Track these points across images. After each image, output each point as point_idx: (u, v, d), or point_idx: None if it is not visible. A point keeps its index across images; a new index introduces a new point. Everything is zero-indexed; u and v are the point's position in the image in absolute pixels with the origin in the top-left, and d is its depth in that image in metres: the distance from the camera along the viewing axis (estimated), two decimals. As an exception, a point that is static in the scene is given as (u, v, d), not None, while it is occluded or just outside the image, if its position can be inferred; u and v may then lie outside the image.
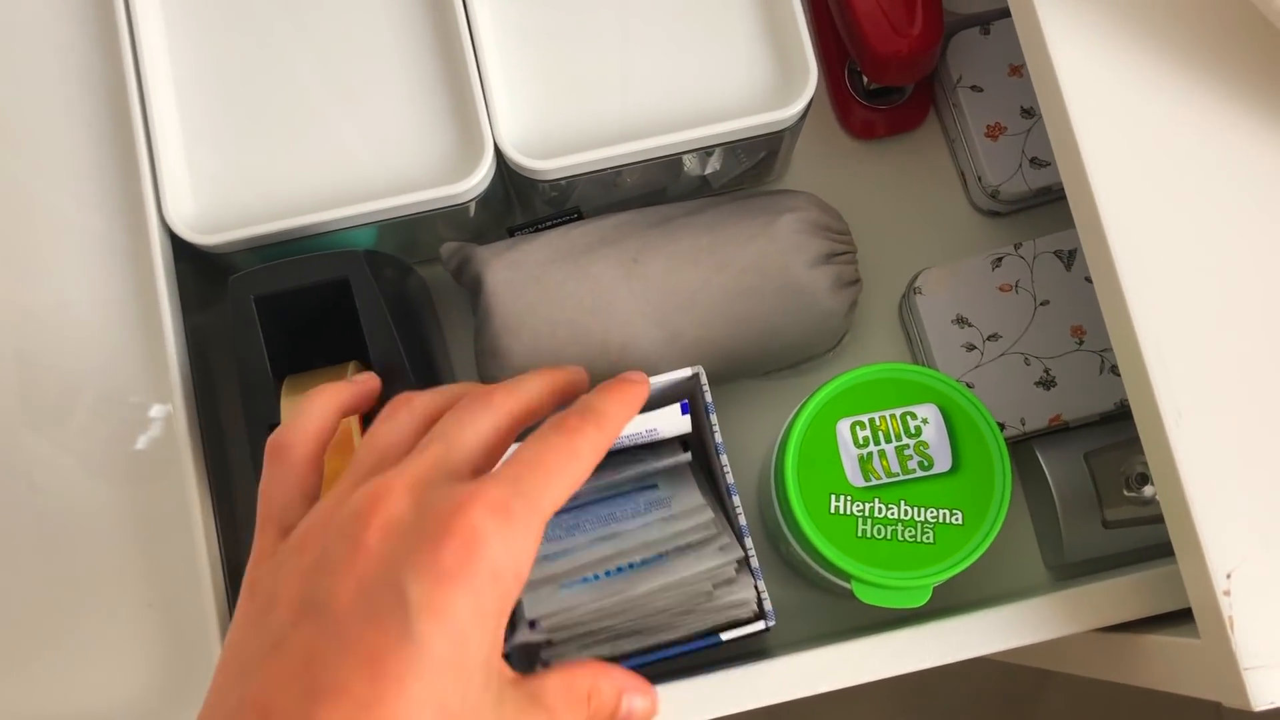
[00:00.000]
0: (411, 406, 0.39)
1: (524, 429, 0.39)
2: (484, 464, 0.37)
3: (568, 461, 0.37)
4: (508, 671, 0.36)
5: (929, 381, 0.48)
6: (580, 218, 0.56)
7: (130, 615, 0.47)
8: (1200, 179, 0.43)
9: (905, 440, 0.47)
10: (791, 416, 0.48)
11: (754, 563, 0.47)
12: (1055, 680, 1.17)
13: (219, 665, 0.35)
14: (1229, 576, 0.39)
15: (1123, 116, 0.44)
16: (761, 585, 0.46)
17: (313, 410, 0.40)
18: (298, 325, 0.50)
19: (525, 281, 0.53)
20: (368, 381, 0.44)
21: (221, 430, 0.56)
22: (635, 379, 0.42)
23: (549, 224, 0.55)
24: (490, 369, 0.54)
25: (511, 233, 0.56)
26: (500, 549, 0.33)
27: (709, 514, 0.47)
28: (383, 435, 0.38)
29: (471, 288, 0.54)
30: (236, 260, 0.52)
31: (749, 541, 0.48)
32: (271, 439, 0.39)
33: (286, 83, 0.52)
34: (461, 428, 0.37)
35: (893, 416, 0.47)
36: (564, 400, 0.41)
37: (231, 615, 0.48)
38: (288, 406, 0.47)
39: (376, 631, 0.32)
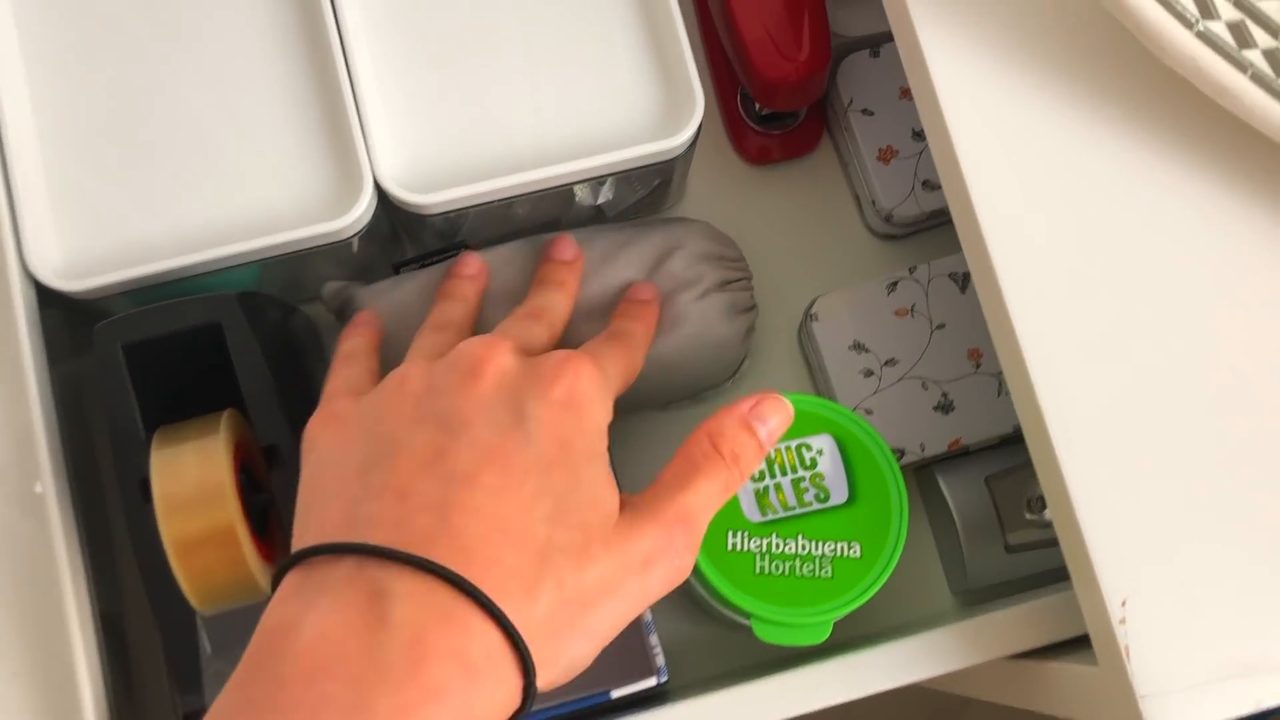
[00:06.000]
0: (465, 296, 0.49)
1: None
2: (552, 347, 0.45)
3: (641, 350, 0.47)
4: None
5: (822, 412, 0.47)
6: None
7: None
8: (1086, 197, 0.43)
9: (801, 472, 0.46)
10: (686, 452, 0.47)
11: (647, 615, 0.46)
12: (978, 702, 1.17)
13: (307, 482, 0.39)
14: (1124, 604, 0.39)
15: (1006, 136, 0.43)
16: (654, 640, 0.45)
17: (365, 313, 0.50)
18: (172, 373, 0.48)
19: (412, 321, 0.51)
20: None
21: (99, 480, 0.53)
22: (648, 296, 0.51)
23: (435, 259, 0.54)
24: (377, 411, 0.52)
25: (397, 269, 0.54)
26: (595, 404, 0.40)
27: None
28: (449, 311, 0.47)
29: (356, 328, 0.53)
30: (110, 307, 0.50)
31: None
32: (343, 337, 0.48)
33: (154, 119, 0.50)
34: (542, 313, 0.46)
35: (788, 449, 0.46)
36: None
37: (108, 676, 0.46)
38: (158, 460, 0.44)
39: (502, 437, 0.37)
